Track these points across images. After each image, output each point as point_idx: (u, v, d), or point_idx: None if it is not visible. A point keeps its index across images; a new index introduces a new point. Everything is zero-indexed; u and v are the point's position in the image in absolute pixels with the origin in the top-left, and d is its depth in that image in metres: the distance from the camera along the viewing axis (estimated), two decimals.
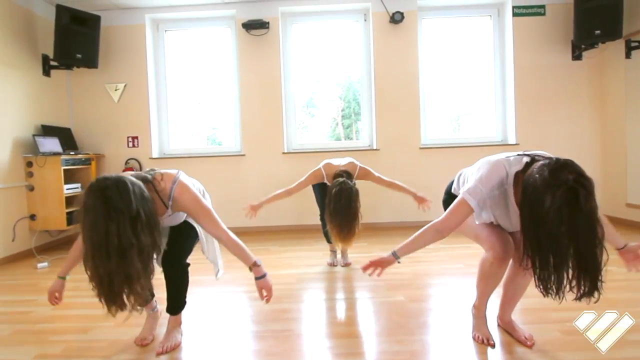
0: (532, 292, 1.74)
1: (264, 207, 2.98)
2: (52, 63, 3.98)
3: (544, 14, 4.32)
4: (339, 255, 3.10)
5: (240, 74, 4.43)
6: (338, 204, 2.57)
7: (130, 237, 1.32)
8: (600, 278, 1.26)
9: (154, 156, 4.44)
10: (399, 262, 1.61)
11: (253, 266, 1.65)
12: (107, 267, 1.31)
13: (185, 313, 1.94)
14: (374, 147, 4.41)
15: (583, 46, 4.11)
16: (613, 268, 1.33)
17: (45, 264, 3.31)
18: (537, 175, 1.29)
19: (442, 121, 4.83)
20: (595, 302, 1.26)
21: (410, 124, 4.38)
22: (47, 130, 3.92)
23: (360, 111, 4.60)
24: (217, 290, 2.58)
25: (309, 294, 2.51)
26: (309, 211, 4.25)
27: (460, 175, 1.81)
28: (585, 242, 1.24)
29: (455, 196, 1.75)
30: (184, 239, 1.86)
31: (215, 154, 4.49)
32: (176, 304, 1.87)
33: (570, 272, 1.28)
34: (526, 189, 1.32)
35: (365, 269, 1.66)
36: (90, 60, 3.98)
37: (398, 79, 4.37)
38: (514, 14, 4.32)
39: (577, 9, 3.92)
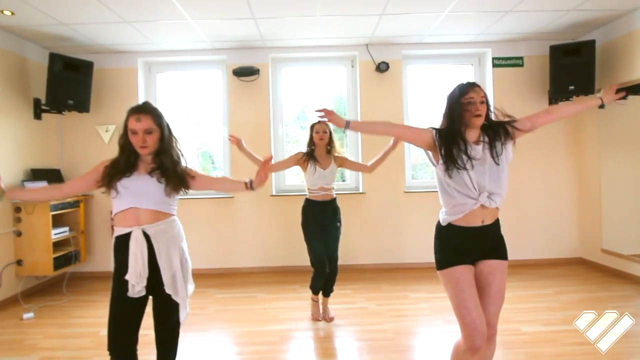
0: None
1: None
2: (44, 107, 4.03)
3: (522, 65, 4.52)
4: (322, 306, 3.16)
5: (230, 116, 4.53)
6: None
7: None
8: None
9: None
10: (346, 128, 1.90)
11: (248, 187, 1.95)
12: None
13: None
14: (360, 190, 4.53)
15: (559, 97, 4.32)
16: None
17: (32, 314, 3.32)
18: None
19: (426, 166, 4.97)
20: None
21: (395, 168, 4.51)
22: (36, 174, 3.95)
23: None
24: (205, 350, 2.63)
25: (292, 357, 2.58)
26: (297, 252, 4.33)
27: (441, 212, 1.89)
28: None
29: (446, 226, 1.82)
30: (174, 315, 1.87)
31: (206, 196, 4.56)
32: None
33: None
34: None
35: (319, 110, 1.96)
36: (82, 106, 4.04)
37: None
38: (494, 65, 4.52)
39: (552, 65, 4.12)
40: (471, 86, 1.80)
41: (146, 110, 1.83)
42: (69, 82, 3.92)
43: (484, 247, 1.82)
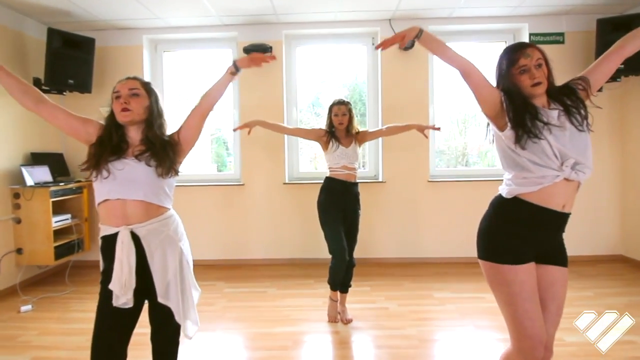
0: None
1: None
2: (44, 87, 3.79)
3: (562, 42, 4.07)
4: (340, 305, 2.88)
5: (241, 97, 4.23)
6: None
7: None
8: None
9: None
10: (416, 38, 1.49)
11: (231, 71, 1.62)
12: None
13: None
14: (380, 179, 4.19)
15: None
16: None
17: (29, 306, 3.13)
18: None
19: (453, 152, 4.61)
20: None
21: (418, 155, 4.15)
22: (36, 158, 3.74)
23: (366, 112, 4.37)
24: (209, 353, 2.38)
25: None
26: (312, 243, 4.06)
27: (504, 184, 1.52)
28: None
29: (511, 200, 1.45)
30: (173, 323, 1.58)
31: (213, 183, 4.29)
32: None
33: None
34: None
35: (382, 46, 1.53)
36: (83, 86, 3.79)
37: (407, 106, 4.14)
38: (531, 42, 4.07)
39: (599, 41, 3.67)
40: (520, 50, 1.45)
41: (135, 77, 1.62)
42: (68, 60, 3.66)
43: (550, 245, 1.48)
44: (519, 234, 1.44)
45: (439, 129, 2.98)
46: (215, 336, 2.64)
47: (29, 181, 3.50)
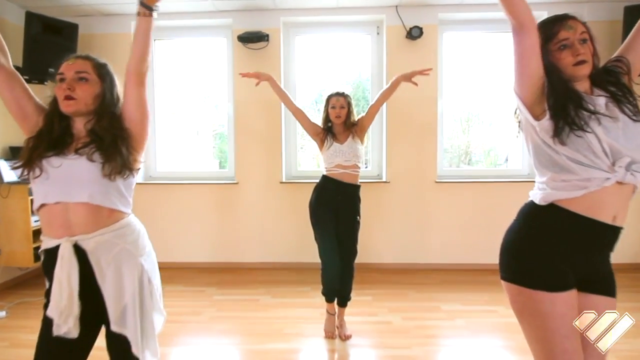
0: None
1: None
2: (24, 77, 3.53)
3: None
4: (338, 319, 2.62)
5: (236, 91, 3.95)
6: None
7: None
8: None
9: (138, 180, 3.99)
10: None
11: (140, 12, 1.26)
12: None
13: None
14: (384, 179, 3.91)
15: None
16: None
17: (3, 313, 2.90)
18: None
19: (456, 151, 4.32)
20: None
21: (425, 154, 3.87)
22: (15, 153, 3.49)
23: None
24: None
25: None
26: (310, 247, 3.78)
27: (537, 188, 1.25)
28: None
29: (546, 208, 1.18)
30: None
31: (206, 182, 4.03)
32: None
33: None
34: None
35: None
36: None
37: (414, 101, 3.84)
38: None
39: (626, 31, 3.34)
40: (560, 22, 1.17)
41: (87, 56, 1.33)
42: (49, 47, 3.39)
43: (595, 267, 1.20)
44: (557, 251, 1.16)
45: (424, 72, 2.63)
46: (199, 352, 2.39)
47: (6, 177, 3.27)
